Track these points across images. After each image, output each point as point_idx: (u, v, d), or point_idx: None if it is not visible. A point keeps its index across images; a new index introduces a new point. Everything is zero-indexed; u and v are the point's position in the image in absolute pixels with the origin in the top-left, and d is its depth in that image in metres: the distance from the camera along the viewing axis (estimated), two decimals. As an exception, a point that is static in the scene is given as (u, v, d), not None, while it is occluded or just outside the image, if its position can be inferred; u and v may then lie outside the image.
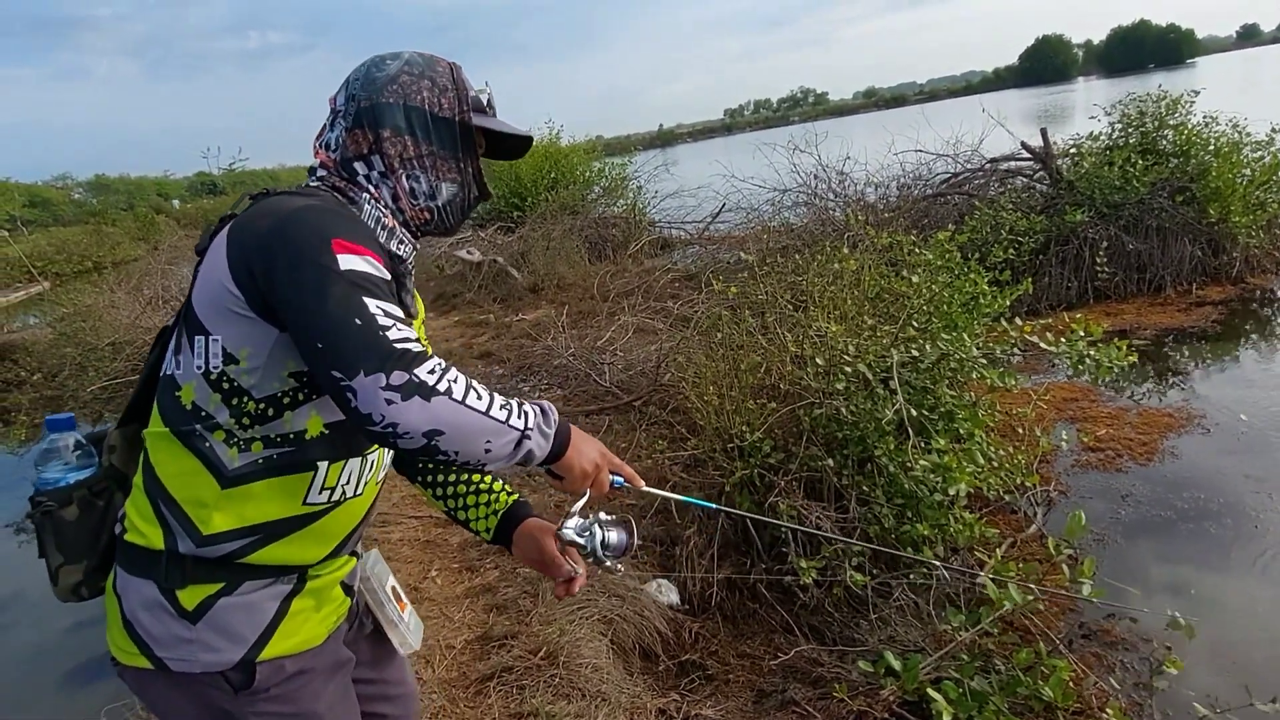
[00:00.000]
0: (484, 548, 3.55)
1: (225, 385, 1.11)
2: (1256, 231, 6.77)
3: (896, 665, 2.48)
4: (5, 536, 5.72)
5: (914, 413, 3.24)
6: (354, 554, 1.36)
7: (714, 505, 1.61)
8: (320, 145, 1.27)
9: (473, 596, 3.12)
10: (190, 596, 1.13)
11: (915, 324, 3.66)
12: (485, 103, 1.31)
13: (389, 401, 0.95)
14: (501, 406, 1.05)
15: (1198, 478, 3.91)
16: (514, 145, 1.39)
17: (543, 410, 1.12)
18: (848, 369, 3.39)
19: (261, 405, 1.12)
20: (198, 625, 1.13)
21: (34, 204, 48.21)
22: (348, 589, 1.33)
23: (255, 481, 1.13)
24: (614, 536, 1.30)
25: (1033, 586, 2.47)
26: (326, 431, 1.16)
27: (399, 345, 0.98)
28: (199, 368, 1.12)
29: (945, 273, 4.03)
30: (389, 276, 1.08)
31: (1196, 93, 7.47)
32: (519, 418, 1.07)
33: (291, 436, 1.14)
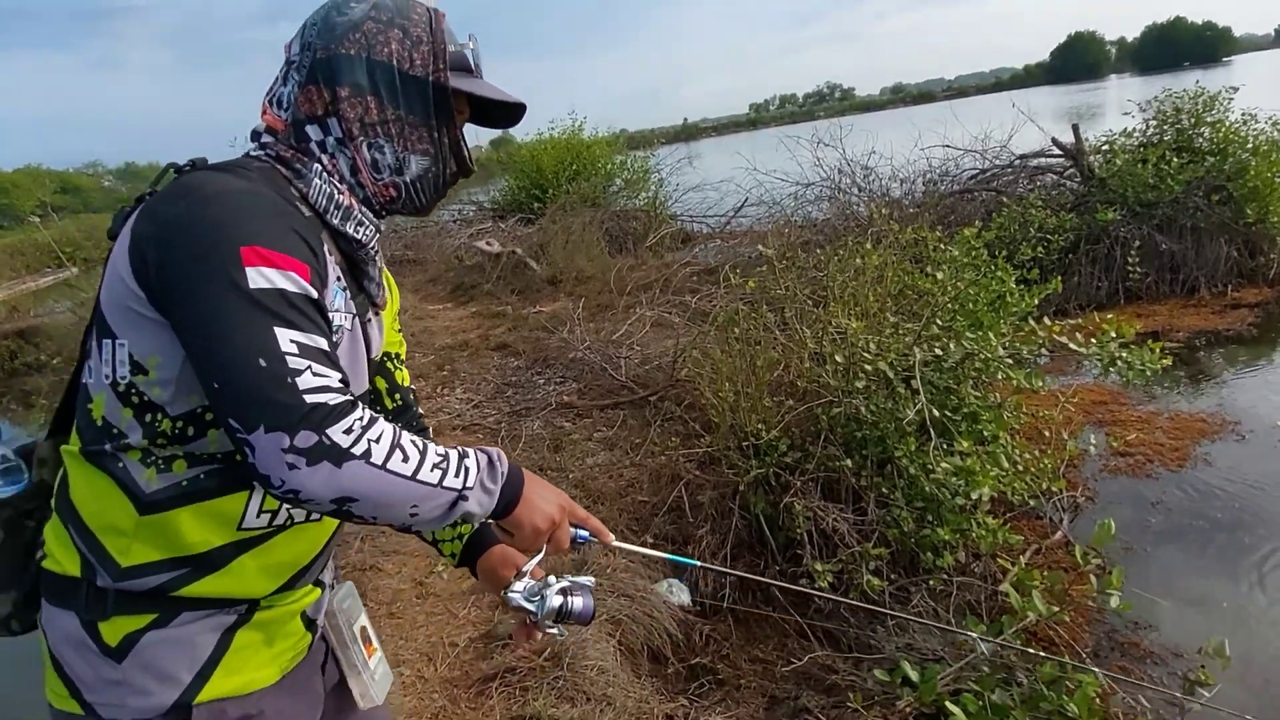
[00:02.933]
0: (493, 542, 3.49)
1: (135, 399, 0.94)
2: (1295, 233, 6.56)
3: (914, 675, 2.40)
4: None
5: (936, 413, 3.14)
6: (319, 583, 1.17)
7: (696, 562, 1.47)
8: (269, 102, 1.05)
9: (478, 593, 3.05)
10: (113, 631, 0.96)
11: (939, 322, 3.55)
12: (471, 61, 1.10)
13: (291, 466, 0.81)
14: (435, 466, 0.90)
15: (1232, 486, 3.77)
16: (503, 113, 1.18)
17: (490, 461, 0.97)
18: (868, 367, 3.29)
19: (179, 424, 0.94)
20: (123, 664, 0.96)
21: (65, 190, 48.99)
22: (310, 623, 1.15)
23: (179, 507, 0.96)
24: (575, 603, 1.12)
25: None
26: None
27: (310, 398, 0.83)
28: (107, 377, 0.94)
29: (971, 270, 3.91)
30: (314, 293, 0.91)
31: (1235, 89, 7.25)
32: (456, 475, 0.92)
33: (219, 456, 0.97)
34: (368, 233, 1.07)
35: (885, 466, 3.25)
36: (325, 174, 1.02)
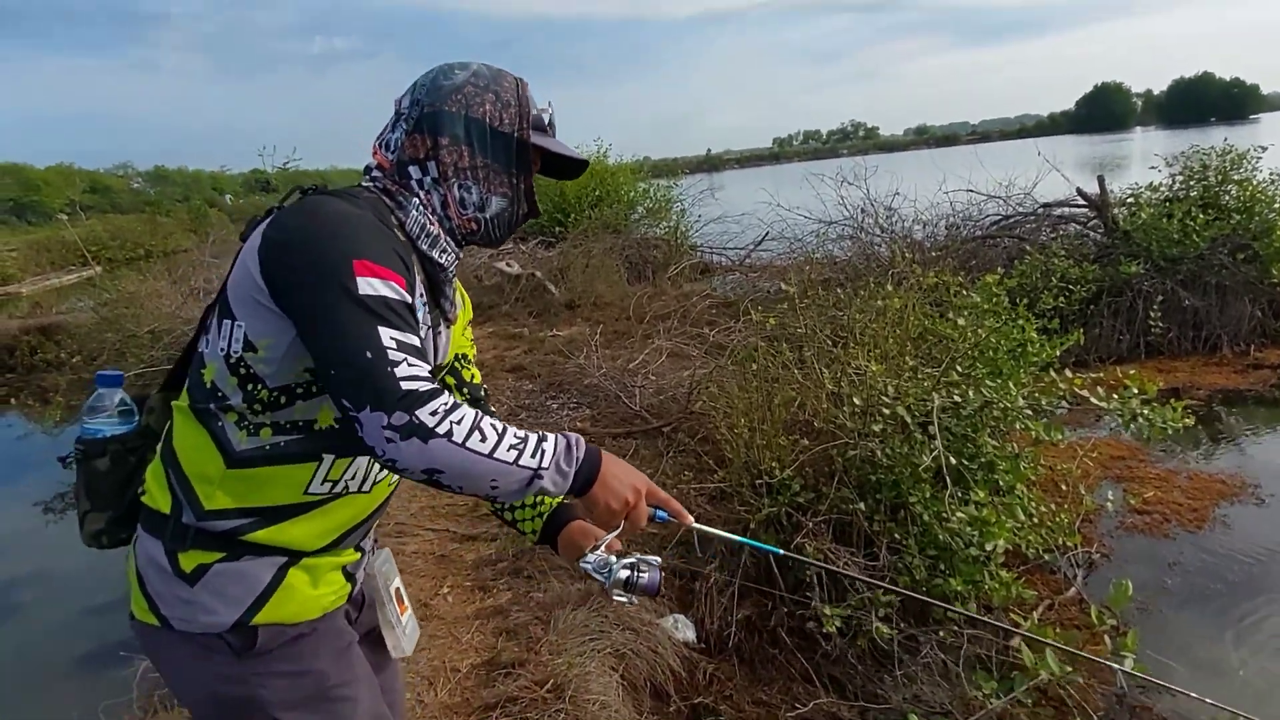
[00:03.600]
0: (498, 567, 3.47)
1: (242, 370, 1.14)
2: (1321, 296, 6.50)
3: (920, 729, 2.35)
4: (34, 515, 5.78)
5: (953, 461, 3.11)
6: (359, 549, 1.36)
7: (779, 550, 1.55)
8: (379, 145, 1.28)
9: (483, 618, 3.03)
10: (189, 560, 1.16)
11: (959, 368, 3.53)
12: (546, 122, 1.32)
13: (389, 440, 0.99)
14: (511, 447, 1.05)
15: (1250, 550, 3.71)
16: (568, 166, 1.39)
17: (568, 445, 1.11)
18: (886, 410, 3.27)
19: (274, 394, 1.14)
20: (195, 588, 1.16)
21: (95, 190, 49.51)
22: (349, 577, 1.33)
23: (259, 466, 1.16)
24: (641, 578, 1.25)
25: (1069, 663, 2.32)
26: (336, 425, 1.18)
27: (405, 384, 1.01)
28: (222, 350, 1.15)
29: (992, 317, 3.89)
30: (410, 299, 1.09)
31: (1264, 148, 7.24)
32: (533, 456, 1.06)
33: (300, 424, 1.16)
34: (449, 259, 1.28)
35: (899, 512, 3.22)
36: (421, 207, 1.24)
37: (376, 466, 1.27)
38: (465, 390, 1.51)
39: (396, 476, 1.32)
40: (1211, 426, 5.22)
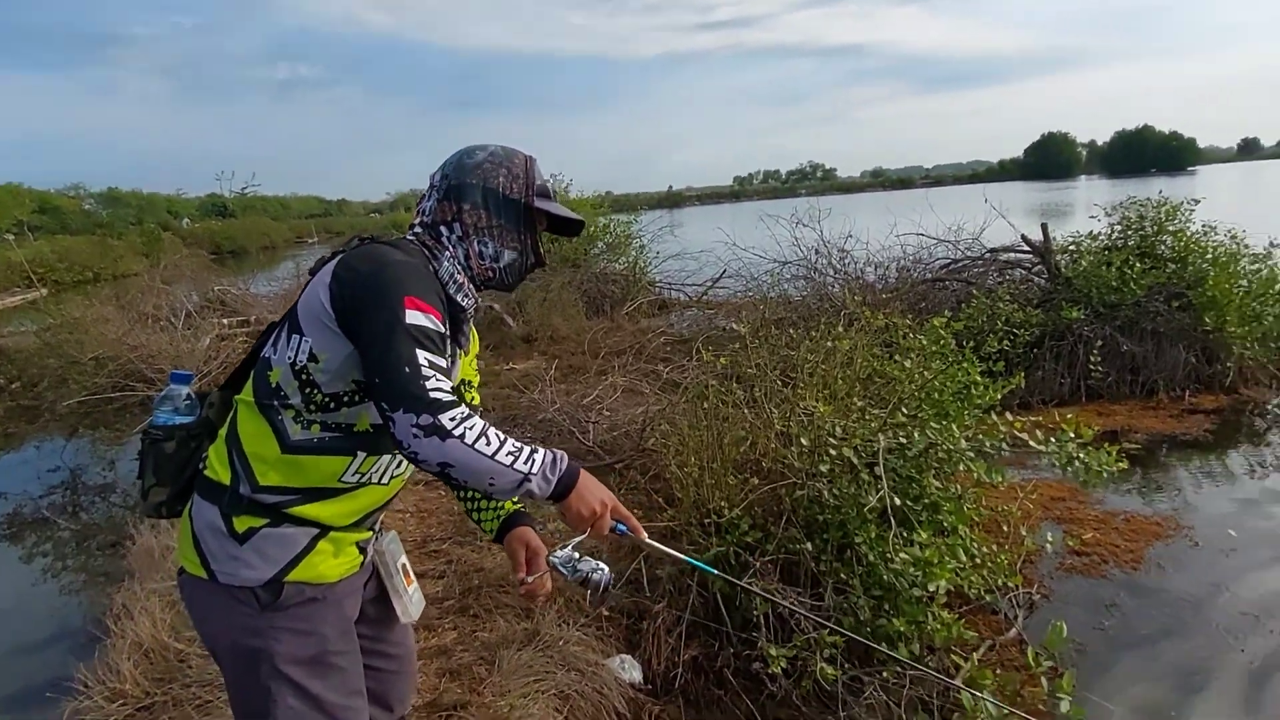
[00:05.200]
0: (445, 605, 3.43)
1: (304, 377, 1.42)
2: (1251, 343, 6.76)
3: (862, 772, 2.36)
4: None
5: (898, 502, 3.16)
6: (371, 529, 1.64)
7: (716, 571, 1.78)
8: (418, 211, 1.61)
9: (426, 658, 2.98)
10: (241, 523, 1.43)
11: (905, 410, 3.60)
12: (549, 190, 1.63)
13: (414, 435, 1.25)
14: (509, 453, 1.30)
15: (1184, 593, 3.81)
16: (569, 225, 1.69)
17: (554, 459, 1.38)
18: (833, 451, 3.32)
19: (326, 398, 1.43)
20: (243, 547, 1.43)
21: (44, 210, 48.04)
22: (361, 550, 1.61)
23: (306, 454, 1.44)
24: (595, 577, 1.50)
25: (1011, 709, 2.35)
26: (370, 430, 1.47)
27: (432, 394, 1.27)
28: (289, 358, 1.43)
29: (939, 359, 3.99)
30: (445, 331, 1.38)
31: (1196, 201, 7.56)
32: (525, 463, 1.32)
33: (343, 425, 1.45)
34: (469, 302, 1.58)
35: (845, 552, 3.25)
36: (451, 259, 1.54)
37: (394, 464, 1.54)
38: None
39: (406, 473, 1.60)
40: (1149, 470, 5.37)
